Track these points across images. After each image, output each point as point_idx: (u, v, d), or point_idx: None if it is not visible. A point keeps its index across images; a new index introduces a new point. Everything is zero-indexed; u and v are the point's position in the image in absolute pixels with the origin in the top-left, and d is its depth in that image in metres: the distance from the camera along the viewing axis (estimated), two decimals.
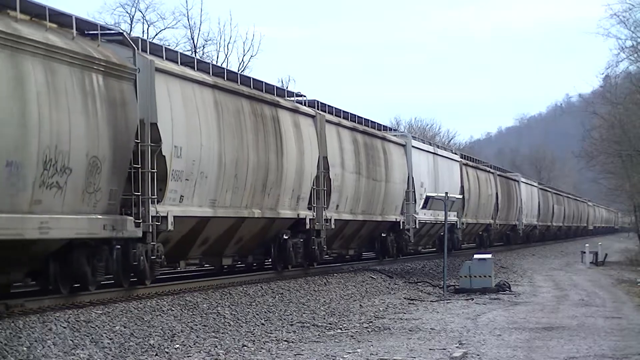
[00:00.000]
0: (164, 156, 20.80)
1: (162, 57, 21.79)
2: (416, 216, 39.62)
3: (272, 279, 26.99)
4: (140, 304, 19.46)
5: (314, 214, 29.56)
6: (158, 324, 17.99)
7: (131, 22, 56.10)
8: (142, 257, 20.30)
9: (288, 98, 29.48)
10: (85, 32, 19.04)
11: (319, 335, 18.81)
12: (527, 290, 31.26)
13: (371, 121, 37.85)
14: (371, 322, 21.12)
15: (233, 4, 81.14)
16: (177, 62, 22.58)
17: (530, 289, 32.26)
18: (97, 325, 16.78)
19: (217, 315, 20.09)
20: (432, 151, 44.37)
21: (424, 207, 30.24)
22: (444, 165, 45.67)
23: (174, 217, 21.09)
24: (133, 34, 29.73)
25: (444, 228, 42.85)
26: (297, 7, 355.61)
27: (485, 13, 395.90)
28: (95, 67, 18.37)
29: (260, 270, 29.06)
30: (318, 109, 30.98)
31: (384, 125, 40.42)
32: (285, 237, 27.98)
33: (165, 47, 23.06)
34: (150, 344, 16.33)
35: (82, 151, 17.82)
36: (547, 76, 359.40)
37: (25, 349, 14.62)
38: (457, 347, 17.08)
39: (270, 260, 28.65)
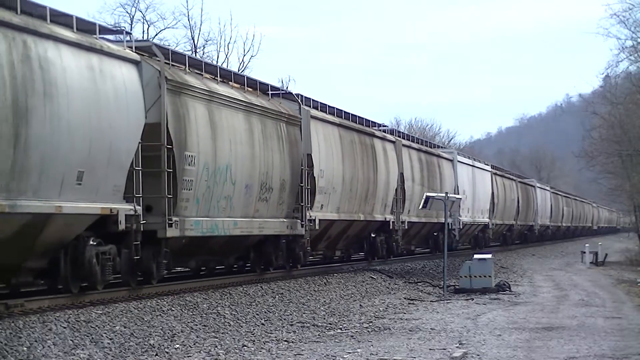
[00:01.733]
0: (314, 177, 29.97)
1: (310, 106, 30.99)
2: (460, 218, 47.97)
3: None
4: (140, 304, 19.46)
5: (394, 217, 38.26)
6: (158, 324, 18.00)
7: (131, 22, 56.14)
8: (297, 247, 29.04)
9: (378, 128, 39.30)
10: (268, 93, 28.43)
11: (319, 335, 18.81)
12: (527, 290, 31.27)
13: (430, 142, 50.18)
14: (371, 322, 21.12)
15: (233, 4, 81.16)
16: (318, 109, 31.81)
17: (530, 289, 32.27)
18: (97, 325, 16.78)
19: (217, 315, 20.10)
20: (471, 164, 53.21)
21: (424, 206, 30.36)
22: (479, 175, 54.63)
23: (319, 220, 30.05)
24: (133, 34, 30.46)
25: (478, 229, 54.96)
26: (297, 7, 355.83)
27: (485, 13, 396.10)
28: (282, 119, 27.79)
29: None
30: (396, 136, 40.91)
31: (437, 145, 53.00)
32: (373, 235, 37.09)
33: (312, 99, 31.58)
34: (150, 344, 16.33)
35: (277, 176, 27.09)
36: (547, 76, 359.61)
37: (25, 349, 14.62)
38: (457, 347, 17.09)
39: (362, 253, 38.15)
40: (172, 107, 21.44)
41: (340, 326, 20.26)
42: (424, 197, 30.45)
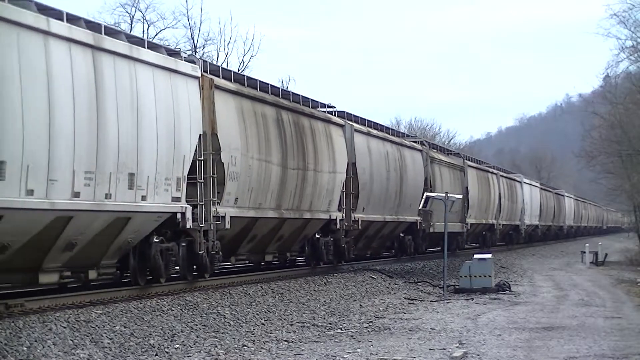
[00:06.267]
0: (469, 199, 51.47)
1: (467, 159, 53.42)
2: (525, 221, 70.92)
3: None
4: (140, 304, 19.46)
5: (496, 221, 60.52)
6: (158, 324, 17.99)
7: (131, 22, 56.16)
8: (461, 239, 51.21)
9: (488, 165, 63.54)
10: (449, 153, 52.32)
11: (319, 335, 18.81)
12: (527, 290, 31.27)
13: (508, 170, 76.05)
14: (371, 322, 21.12)
15: (233, 4, 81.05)
16: (469, 160, 54.40)
17: (530, 288, 32.27)
18: (97, 325, 16.78)
19: (217, 315, 20.09)
20: (529, 182, 76.56)
21: (424, 206, 30.49)
22: (534, 190, 77.51)
23: (470, 223, 51.69)
24: (133, 34, 30.58)
25: (532, 228, 77.31)
26: (297, 7, 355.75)
27: (484, 13, 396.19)
28: (458, 169, 49.22)
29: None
30: (494, 169, 63.30)
31: (511, 172, 78.07)
32: (484, 233, 59.10)
33: (467, 155, 55.11)
34: (150, 344, 16.33)
35: (461, 200, 43.49)
36: (547, 76, 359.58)
37: (25, 349, 14.62)
38: (457, 347, 17.08)
39: (477, 243, 60.55)
40: (430, 169, 43.43)
41: (340, 326, 20.26)
42: (424, 197, 30.53)
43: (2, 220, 15.84)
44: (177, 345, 16.53)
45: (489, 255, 31.33)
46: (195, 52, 55.22)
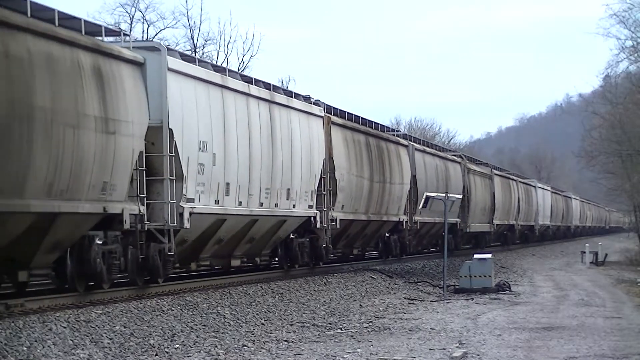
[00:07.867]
0: (495, 203, 59.09)
1: (494, 169, 61.78)
2: (539, 222, 79.49)
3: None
4: (140, 303, 19.46)
5: (515, 222, 68.35)
6: (158, 324, 18.00)
7: (131, 22, 56.11)
8: (488, 238, 58.68)
9: (517, 176, 73.36)
10: (478, 162, 60.85)
11: (319, 335, 18.81)
12: (527, 290, 31.28)
13: (524, 176, 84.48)
14: (371, 322, 21.12)
15: (233, 4, 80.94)
16: (496, 169, 63.34)
17: (530, 288, 32.28)
18: (97, 325, 16.79)
19: (217, 315, 20.10)
20: (542, 187, 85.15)
21: (424, 206, 30.61)
22: (546, 194, 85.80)
23: (496, 224, 60.13)
24: (133, 34, 30.68)
25: (544, 228, 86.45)
26: (297, 7, 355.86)
27: (485, 13, 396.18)
28: (487, 177, 56.85)
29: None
30: (515, 175, 72.91)
31: (527, 177, 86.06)
32: (505, 232, 66.21)
33: (494, 165, 64.66)
34: (150, 344, 16.33)
35: (488, 203, 56.54)
36: (547, 76, 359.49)
37: (25, 349, 14.62)
38: (457, 347, 17.08)
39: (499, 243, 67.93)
40: (467, 178, 50.77)
41: (340, 326, 20.27)
42: (424, 196, 30.61)
43: (225, 222, 23.60)
44: (177, 345, 16.53)
45: (489, 255, 31.34)
46: (195, 52, 55.20)
